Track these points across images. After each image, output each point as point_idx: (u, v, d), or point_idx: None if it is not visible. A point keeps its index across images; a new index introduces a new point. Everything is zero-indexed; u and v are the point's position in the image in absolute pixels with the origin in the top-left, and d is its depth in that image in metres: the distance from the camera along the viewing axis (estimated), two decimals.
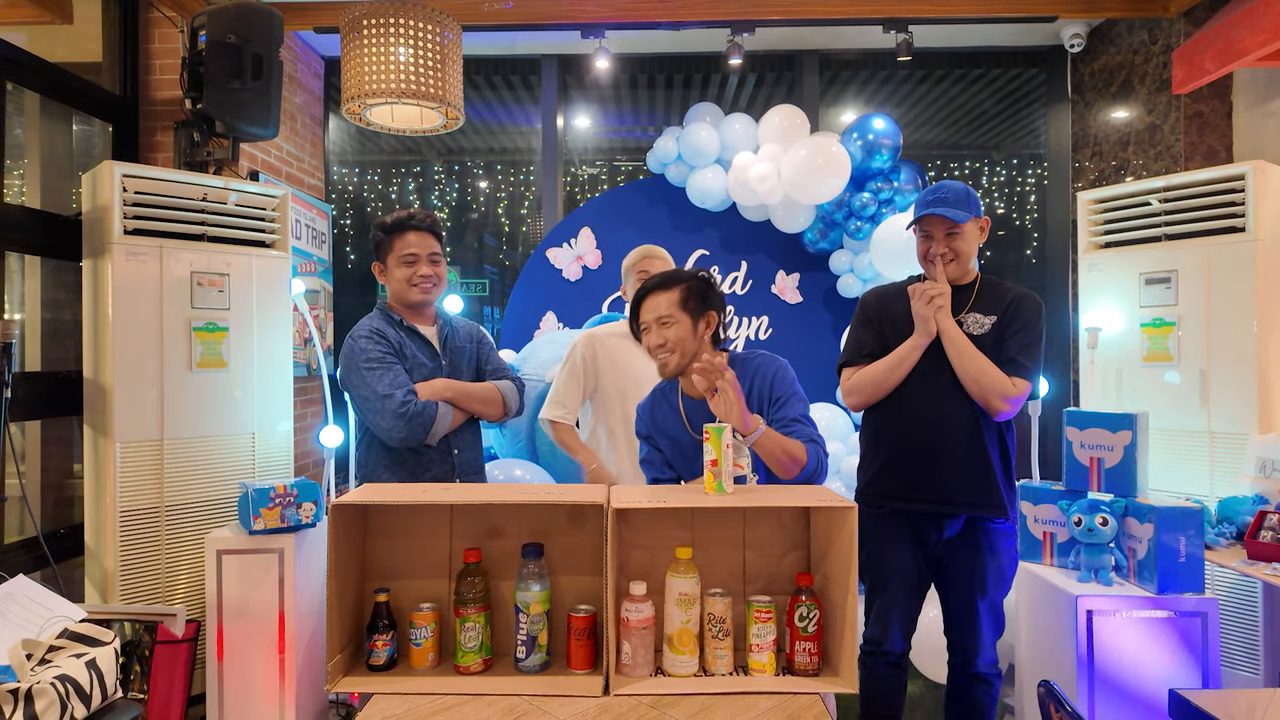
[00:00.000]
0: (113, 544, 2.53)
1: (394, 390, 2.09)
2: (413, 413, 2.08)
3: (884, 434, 2.12)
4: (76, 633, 1.88)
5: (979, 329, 2.05)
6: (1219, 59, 2.74)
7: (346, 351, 2.20)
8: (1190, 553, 2.08)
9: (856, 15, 3.38)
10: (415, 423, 2.08)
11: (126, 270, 2.55)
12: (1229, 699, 1.29)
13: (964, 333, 2.05)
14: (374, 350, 2.15)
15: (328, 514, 1.36)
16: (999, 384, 1.96)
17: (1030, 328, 2.04)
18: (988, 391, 1.97)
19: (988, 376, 1.97)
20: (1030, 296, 2.10)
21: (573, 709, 1.28)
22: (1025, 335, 2.03)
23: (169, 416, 2.62)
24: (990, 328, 2.05)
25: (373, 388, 2.09)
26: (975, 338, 2.03)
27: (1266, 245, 2.66)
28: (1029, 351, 2.03)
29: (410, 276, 2.23)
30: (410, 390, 2.13)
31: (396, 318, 2.28)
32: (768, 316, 3.76)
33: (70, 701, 1.73)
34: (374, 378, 2.10)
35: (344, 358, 2.21)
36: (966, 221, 2.07)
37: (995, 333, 2.05)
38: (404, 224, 2.25)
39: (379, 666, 1.41)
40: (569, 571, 1.50)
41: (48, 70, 2.76)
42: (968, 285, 2.12)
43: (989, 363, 1.99)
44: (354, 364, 2.15)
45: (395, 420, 2.07)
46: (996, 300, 2.09)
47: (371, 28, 2.46)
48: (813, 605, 1.40)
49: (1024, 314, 2.05)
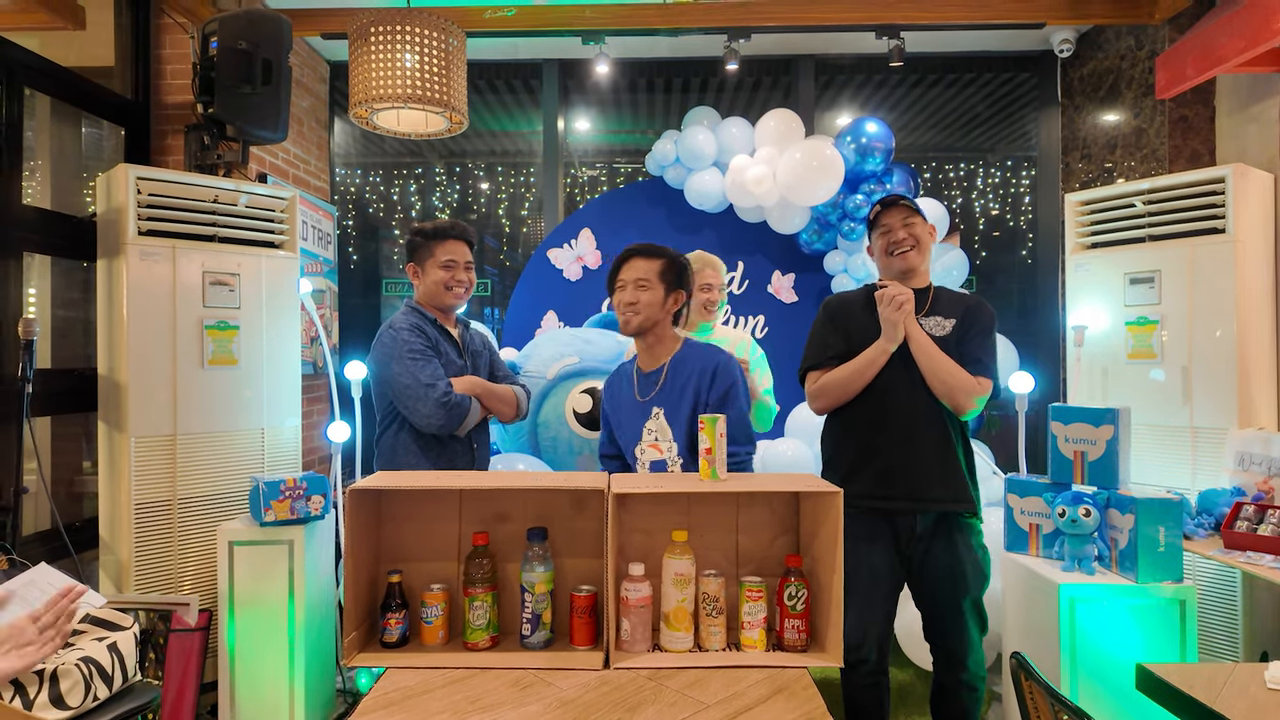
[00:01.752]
0: (128, 536, 2.60)
1: (436, 381, 2.23)
2: (453, 403, 2.23)
3: (853, 435, 2.15)
4: (98, 618, 1.96)
5: (940, 331, 2.11)
6: (1200, 65, 2.82)
7: (388, 341, 2.31)
8: (1169, 542, 2.16)
9: (849, 22, 3.47)
10: (454, 413, 2.23)
11: (141, 270, 2.63)
12: (1191, 672, 1.37)
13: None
14: (417, 343, 2.28)
15: (339, 504, 1.44)
16: (966, 384, 2.02)
17: (988, 333, 2.12)
18: (955, 391, 2.02)
19: (955, 377, 2.02)
20: (985, 304, 2.17)
21: (575, 680, 1.36)
22: (985, 339, 2.11)
23: (182, 412, 2.70)
24: (951, 330, 2.11)
25: (416, 376, 2.22)
26: (937, 339, 2.09)
27: (1246, 246, 2.74)
28: (990, 354, 2.11)
29: (448, 280, 2.37)
30: (449, 382, 2.27)
31: (430, 316, 2.40)
32: (764, 316, 3.84)
33: (94, 682, 1.81)
34: (417, 368, 2.24)
35: (384, 347, 2.31)
36: (921, 212, 2.18)
37: (956, 335, 2.10)
38: (446, 232, 2.40)
39: (392, 644, 1.49)
40: (571, 554, 1.58)
41: (62, 75, 2.84)
42: (924, 290, 2.18)
43: (955, 364, 2.04)
44: (397, 353, 2.27)
45: (436, 409, 2.21)
46: (953, 305, 2.16)
47: (379, 35, 2.54)
48: (801, 585, 1.48)
49: (982, 319, 2.12)
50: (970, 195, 4.41)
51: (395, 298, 4.43)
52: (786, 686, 1.34)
